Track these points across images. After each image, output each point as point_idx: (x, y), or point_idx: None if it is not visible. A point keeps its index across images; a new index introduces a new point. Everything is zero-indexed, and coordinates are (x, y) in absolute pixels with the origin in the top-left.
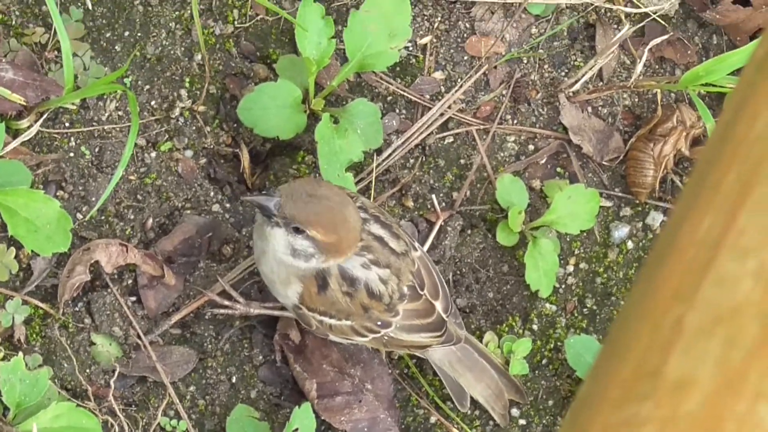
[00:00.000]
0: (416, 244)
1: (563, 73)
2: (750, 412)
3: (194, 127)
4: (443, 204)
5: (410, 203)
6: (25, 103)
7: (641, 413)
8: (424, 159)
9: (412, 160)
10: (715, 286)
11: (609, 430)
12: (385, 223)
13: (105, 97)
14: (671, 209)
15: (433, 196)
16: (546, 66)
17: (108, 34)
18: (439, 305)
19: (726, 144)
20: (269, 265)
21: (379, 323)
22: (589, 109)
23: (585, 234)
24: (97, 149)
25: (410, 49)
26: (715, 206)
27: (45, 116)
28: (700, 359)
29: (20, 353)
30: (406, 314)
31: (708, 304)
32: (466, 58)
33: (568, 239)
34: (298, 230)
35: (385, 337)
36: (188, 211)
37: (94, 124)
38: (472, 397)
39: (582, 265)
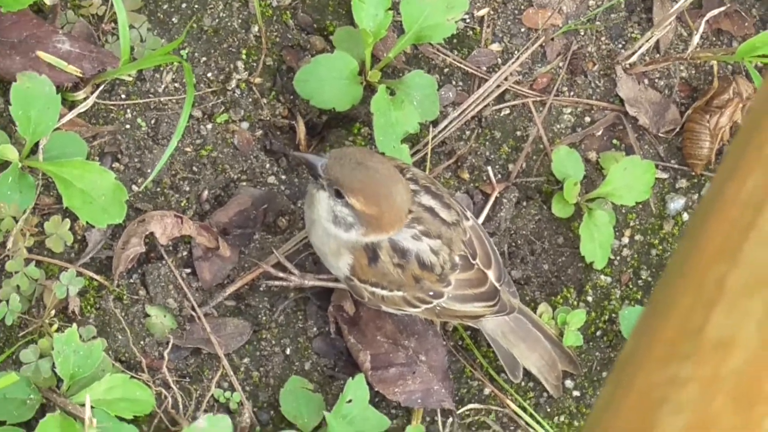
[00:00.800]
0: (468, 214)
1: (620, 45)
2: None
3: (250, 99)
4: (499, 176)
5: (466, 175)
6: (81, 75)
7: (683, 372)
8: (480, 131)
9: (468, 132)
10: (758, 245)
11: (652, 388)
12: (436, 194)
13: (161, 68)
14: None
15: (489, 167)
16: (603, 38)
17: (165, 6)
18: (491, 274)
19: None
20: (318, 235)
21: (431, 293)
22: (646, 81)
23: (640, 206)
24: (153, 121)
25: (467, 21)
26: (759, 167)
27: (101, 88)
28: (741, 318)
29: (74, 325)
30: (459, 284)
31: (751, 263)
32: (523, 30)
33: (623, 211)
34: (339, 194)
35: (438, 308)
36: (244, 183)
37: (151, 95)
38: (525, 368)
39: (637, 237)
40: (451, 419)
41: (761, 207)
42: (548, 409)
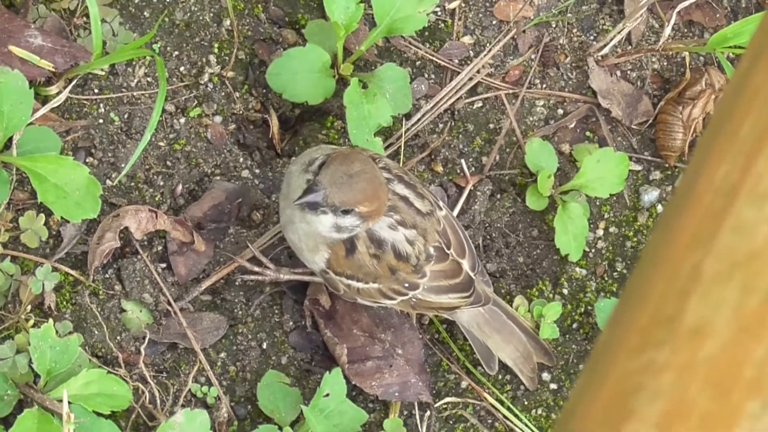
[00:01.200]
0: (441, 204)
1: (592, 37)
2: None
3: (223, 93)
4: (472, 169)
5: (439, 168)
6: (53, 70)
7: (659, 359)
8: (453, 124)
9: (441, 125)
10: (732, 232)
11: (628, 376)
12: (409, 183)
13: (134, 63)
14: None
15: (462, 160)
16: (575, 30)
17: (136, 0)
18: (465, 264)
19: (743, 93)
20: (297, 233)
21: (406, 285)
22: (618, 72)
23: (614, 198)
24: (126, 115)
25: (438, 13)
26: (732, 153)
27: (74, 83)
28: (717, 305)
29: (50, 320)
30: (434, 275)
31: (725, 249)
32: (494, 22)
33: (597, 203)
34: (347, 211)
35: (413, 299)
36: (218, 177)
37: (123, 90)
38: (500, 360)
39: (612, 229)
40: (428, 413)
41: (734, 193)
42: (525, 402)
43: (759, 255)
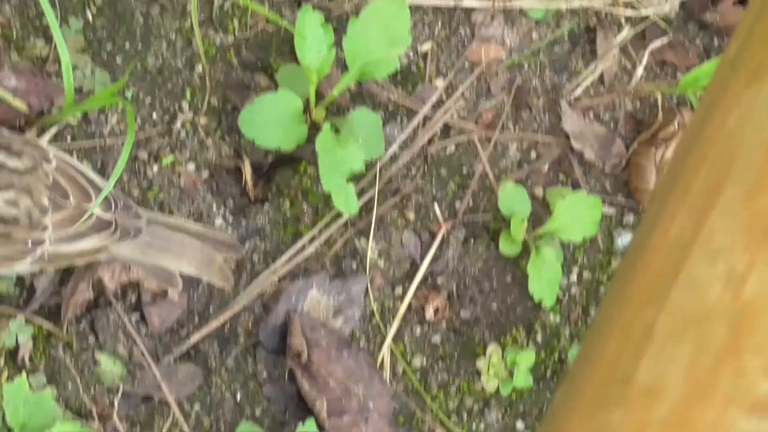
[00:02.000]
0: (52, 154)
1: (564, 78)
2: (720, 418)
3: (196, 140)
4: (446, 214)
5: (412, 215)
6: (27, 111)
7: (613, 420)
8: (425, 168)
9: (413, 170)
10: (685, 289)
11: None
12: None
13: (106, 110)
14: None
15: (435, 205)
16: (547, 71)
17: (109, 47)
18: (94, 207)
19: (697, 144)
20: None
21: (29, 244)
22: (591, 114)
23: (588, 242)
24: (98, 163)
25: (411, 57)
26: (686, 207)
27: (52, 131)
28: (670, 364)
29: (24, 373)
30: (58, 225)
31: (678, 308)
32: (467, 64)
33: (571, 248)
34: None
35: (47, 255)
36: None
37: (96, 138)
38: (184, 274)
39: (585, 274)
40: None
41: (688, 249)
42: None
43: (711, 313)
